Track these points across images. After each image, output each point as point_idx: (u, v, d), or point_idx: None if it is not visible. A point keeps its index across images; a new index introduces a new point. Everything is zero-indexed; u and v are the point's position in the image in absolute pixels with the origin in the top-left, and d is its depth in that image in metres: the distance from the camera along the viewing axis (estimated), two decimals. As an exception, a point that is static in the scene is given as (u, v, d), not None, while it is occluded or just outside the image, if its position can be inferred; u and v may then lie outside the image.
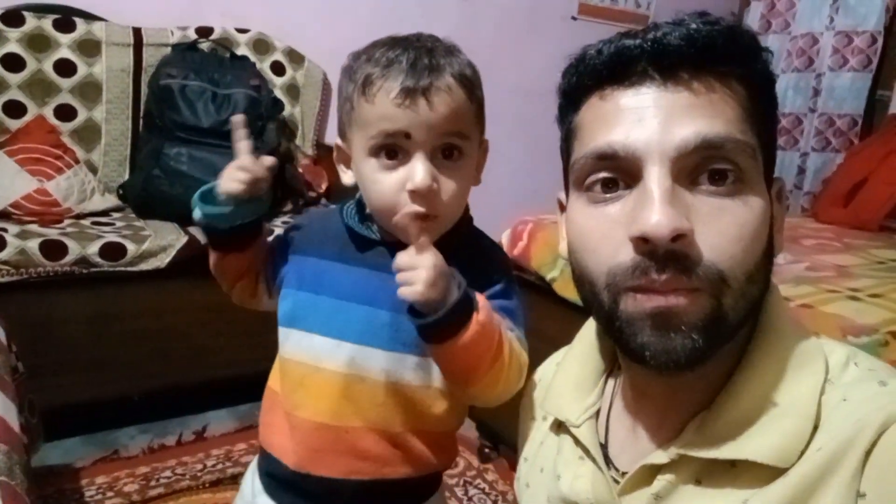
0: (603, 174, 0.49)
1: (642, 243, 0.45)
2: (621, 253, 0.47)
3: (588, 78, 0.51)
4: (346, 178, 0.78)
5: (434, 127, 0.68)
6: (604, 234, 0.49)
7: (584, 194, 0.51)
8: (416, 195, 0.69)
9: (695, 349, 0.46)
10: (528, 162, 2.83)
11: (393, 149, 0.69)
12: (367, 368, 0.74)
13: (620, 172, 0.48)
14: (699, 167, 0.46)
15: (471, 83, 0.72)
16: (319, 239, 0.80)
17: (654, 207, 0.44)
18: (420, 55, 0.69)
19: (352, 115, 0.72)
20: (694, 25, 0.47)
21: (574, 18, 2.92)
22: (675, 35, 0.47)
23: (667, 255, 0.45)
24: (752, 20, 3.10)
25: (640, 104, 0.48)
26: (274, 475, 0.80)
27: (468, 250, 0.77)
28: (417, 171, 0.68)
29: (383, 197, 0.71)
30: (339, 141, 0.78)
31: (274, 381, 0.82)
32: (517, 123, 2.85)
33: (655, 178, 0.46)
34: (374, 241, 0.76)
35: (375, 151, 0.70)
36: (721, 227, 0.46)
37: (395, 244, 0.73)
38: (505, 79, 2.86)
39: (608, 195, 0.49)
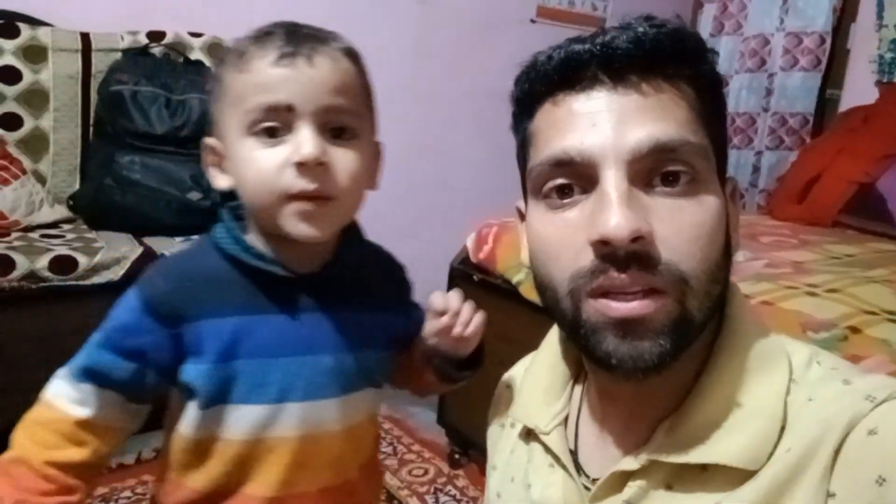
0: (559, 180, 0.49)
1: (602, 246, 0.45)
2: (582, 258, 0.47)
3: (540, 84, 0.51)
4: (221, 181, 0.65)
5: (318, 92, 0.60)
6: (564, 240, 0.48)
7: (543, 201, 0.51)
8: (304, 169, 0.59)
9: (662, 353, 0.46)
10: (490, 164, 2.82)
11: (274, 128, 0.60)
12: (321, 425, 0.67)
13: (577, 178, 0.48)
14: (653, 169, 0.47)
15: (358, 58, 0.65)
16: (214, 294, 0.64)
17: (612, 210, 0.44)
18: (298, 27, 0.63)
19: (224, 95, 0.62)
20: (641, 29, 0.47)
21: (532, 21, 2.94)
22: (622, 38, 0.47)
23: (627, 256, 0.45)
24: (706, 22, 3.16)
25: (592, 108, 0.48)
26: None
27: (378, 267, 0.75)
28: (304, 139, 0.59)
29: (263, 177, 0.60)
30: (211, 140, 0.66)
31: (186, 475, 0.67)
32: (478, 126, 2.86)
33: (612, 181, 0.46)
34: (286, 278, 0.65)
35: (253, 129, 0.60)
36: (679, 227, 0.46)
37: (312, 278, 0.66)
38: (465, 82, 2.86)
39: (565, 201, 0.49)
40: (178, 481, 0.68)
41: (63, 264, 1.55)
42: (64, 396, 0.64)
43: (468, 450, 1.85)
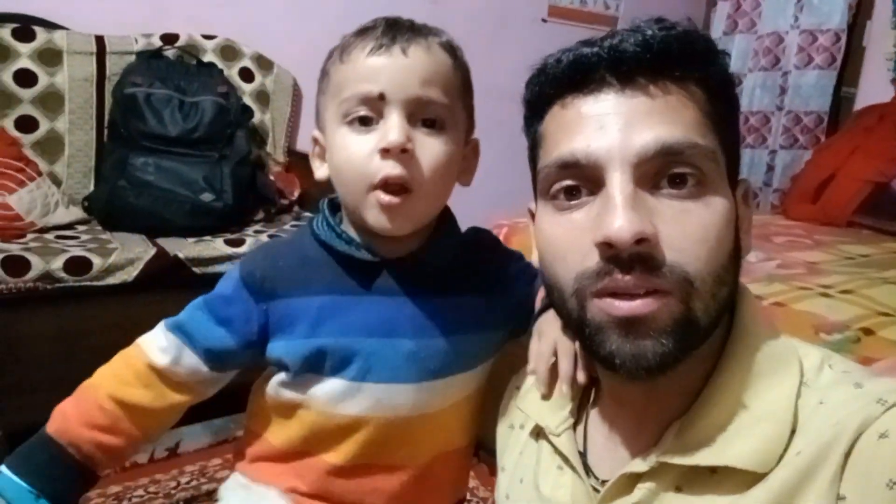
0: (566, 182, 0.49)
1: (607, 248, 0.46)
2: (588, 259, 0.47)
3: (549, 87, 0.52)
4: (321, 172, 0.69)
5: (410, 82, 0.62)
6: (570, 241, 0.49)
7: (551, 203, 0.51)
8: (388, 155, 0.61)
9: (665, 354, 0.46)
10: (499, 164, 2.81)
11: (367, 117, 0.63)
12: (394, 408, 0.68)
13: (583, 180, 0.49)
14: (660, 172, 0.47)
15: (455, 52, 0.67)
16: (304, 274, 0.69)
17: (616, 212, 0.45)
18: (399, 21, 0.66)
19: (327, 87, 0.66)
20: (650, 31, 0.48)
21: (544, 21, 2.93)
22: (631, 41, 0.47)
23: (631, 258, 0.45)
24: (719, 20, 3.14)
25: (600, 111, 0.48)
26: None
27: (474, 251, 0.74)
28: (391, 126, 0.61)
29: (352, 164, 0.63)
30: (316, 132, 0.70)
31: (263, 427, 0.73)
32: (489, 126, 2.84)
33: (617, 183, 0.46)
34: (373, 263, 0.68)
35: (347, 117, 0.63)
36: (685, 229, 0.46)
37: (398, 264, 0.68)
38: (476, 81, 2.86)
39: (572, 202, 0.49)
40: (261, 436, 0.73)
41: (78, 265, 1.56)
42: (152, 341, 0.70)
43: (478, 450, 1.85)
